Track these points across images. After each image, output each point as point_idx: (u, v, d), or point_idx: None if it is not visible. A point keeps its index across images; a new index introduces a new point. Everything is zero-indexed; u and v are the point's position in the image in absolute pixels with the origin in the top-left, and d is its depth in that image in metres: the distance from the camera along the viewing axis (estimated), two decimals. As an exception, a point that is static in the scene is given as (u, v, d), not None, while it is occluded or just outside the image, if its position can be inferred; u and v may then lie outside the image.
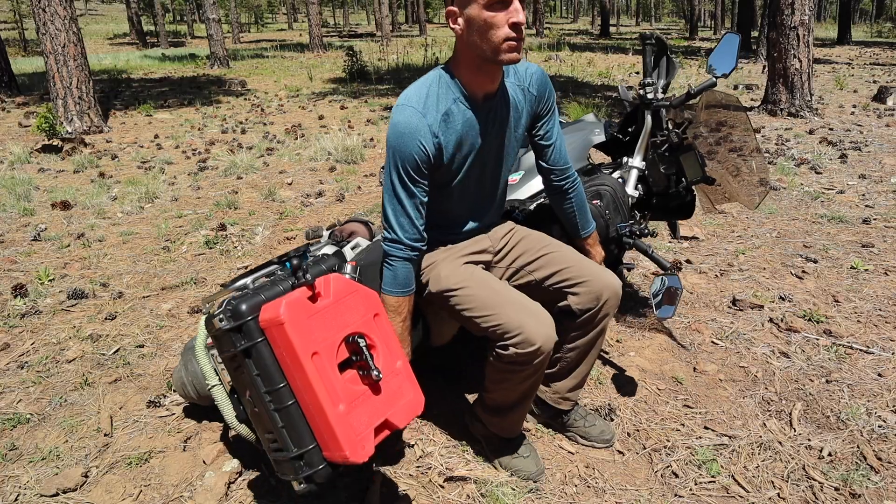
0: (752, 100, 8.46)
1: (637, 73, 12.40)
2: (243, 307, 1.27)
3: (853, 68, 12.78)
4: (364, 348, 1.29)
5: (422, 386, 1.32)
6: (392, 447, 1.87)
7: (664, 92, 2.27)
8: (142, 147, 6.44)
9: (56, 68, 6.82)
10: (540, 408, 1.94)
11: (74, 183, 4.97)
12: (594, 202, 2.04)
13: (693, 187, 2.24)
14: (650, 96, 2.22)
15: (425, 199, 1.54)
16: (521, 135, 1.69)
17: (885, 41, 24.03)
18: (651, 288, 2.03)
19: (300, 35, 35.62)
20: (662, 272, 2.03)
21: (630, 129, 2.37)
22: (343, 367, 1.31)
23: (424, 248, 1.59)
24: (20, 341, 2.53)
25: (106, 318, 2.70)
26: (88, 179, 5.08)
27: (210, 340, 1.55)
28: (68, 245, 3.57)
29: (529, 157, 2.24)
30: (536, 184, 2.18)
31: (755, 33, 18.21)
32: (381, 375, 1.29)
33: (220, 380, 1.54)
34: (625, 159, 2.32)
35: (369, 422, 1.28)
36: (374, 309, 1.40)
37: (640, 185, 2.27)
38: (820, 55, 15.79)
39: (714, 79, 2.10)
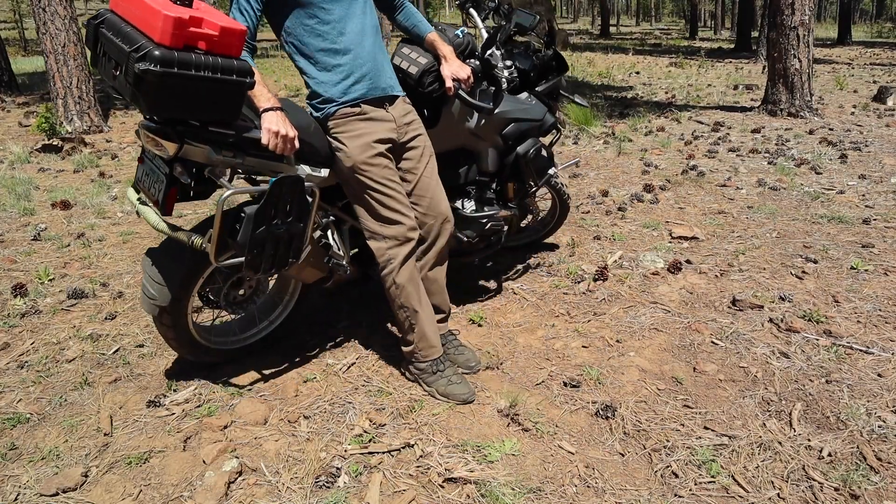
0: (752, 100, 8.46)
1: (637, 73, 12.40)
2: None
3: (853, 68, 12.78)
4: None
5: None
6: (391, 447, 1.87)
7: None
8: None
9: (56, 68, 6.81)
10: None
11: (74, 182, 4.97)
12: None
13: (553, 46, 2.77)
14: None
15: (258, 7, 1.89)
16: None
17: (885, 41, 24.04)
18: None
19: (300, 35, 35.54)
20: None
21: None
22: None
23: (253, 48, 1.90)
24: (20, 341, 2.53)
25: (106, 318, 2.70)
26: (88, 179, 5.08)
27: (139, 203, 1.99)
28: (68, 245, 3.57)
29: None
30: (422, 59, 2.33)
31: (755, 33, 18.20)
32: None
33: (139, 198, 1.99)
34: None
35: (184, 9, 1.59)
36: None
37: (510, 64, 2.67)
38: (820, 55, 15.79)
39: None
